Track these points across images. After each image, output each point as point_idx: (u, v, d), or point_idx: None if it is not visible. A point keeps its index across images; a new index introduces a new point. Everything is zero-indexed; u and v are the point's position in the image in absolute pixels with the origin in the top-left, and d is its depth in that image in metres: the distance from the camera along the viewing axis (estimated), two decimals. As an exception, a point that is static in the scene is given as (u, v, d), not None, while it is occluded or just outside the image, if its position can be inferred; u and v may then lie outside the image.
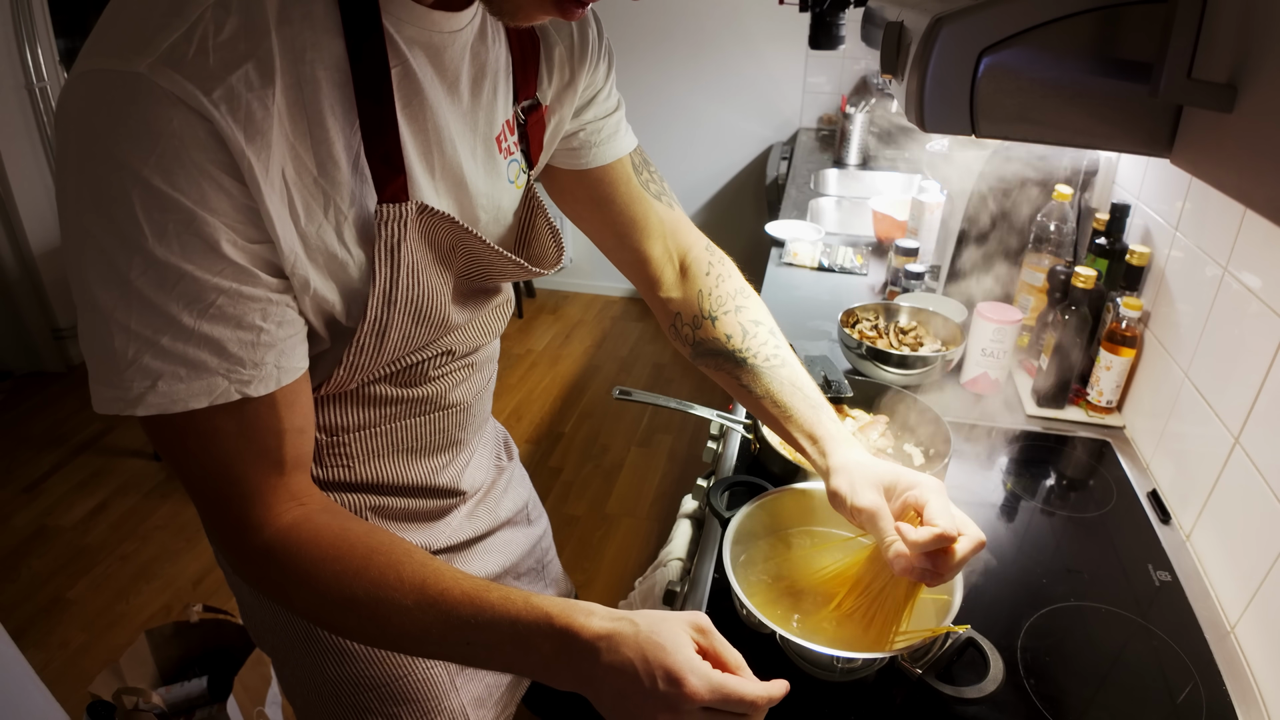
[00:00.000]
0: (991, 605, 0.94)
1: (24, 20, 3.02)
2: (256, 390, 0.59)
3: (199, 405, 0.57)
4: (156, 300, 0.54)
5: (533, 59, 0.76)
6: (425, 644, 0.64)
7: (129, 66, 0.50)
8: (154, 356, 0.55)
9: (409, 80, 0.63)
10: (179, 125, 0.51)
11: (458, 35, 0.65)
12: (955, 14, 0.57)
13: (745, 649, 0.87)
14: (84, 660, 2.05)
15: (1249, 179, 0.45)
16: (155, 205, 0.52)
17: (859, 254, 2.01)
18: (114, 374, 0.56)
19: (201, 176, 0.52)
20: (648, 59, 3.60)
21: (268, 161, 0.55)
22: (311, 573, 0.63)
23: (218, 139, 0.52)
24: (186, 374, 0.56)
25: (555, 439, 3.00)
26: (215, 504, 0.63)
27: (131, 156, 0.50)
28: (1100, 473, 1.20)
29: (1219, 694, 0.84)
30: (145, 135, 0.50)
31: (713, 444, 1.25)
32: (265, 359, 0.59)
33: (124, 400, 0.56)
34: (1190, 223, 1.16)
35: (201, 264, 0.54)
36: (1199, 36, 0.48)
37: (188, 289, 0.54)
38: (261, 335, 0.58)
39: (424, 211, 0.65)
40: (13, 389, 3.28)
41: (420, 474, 0.86)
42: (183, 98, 0.50)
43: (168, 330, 0.55)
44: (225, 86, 0.52)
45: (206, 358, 0.56)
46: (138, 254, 0.52)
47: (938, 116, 0.61)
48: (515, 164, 0.77)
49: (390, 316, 0.68)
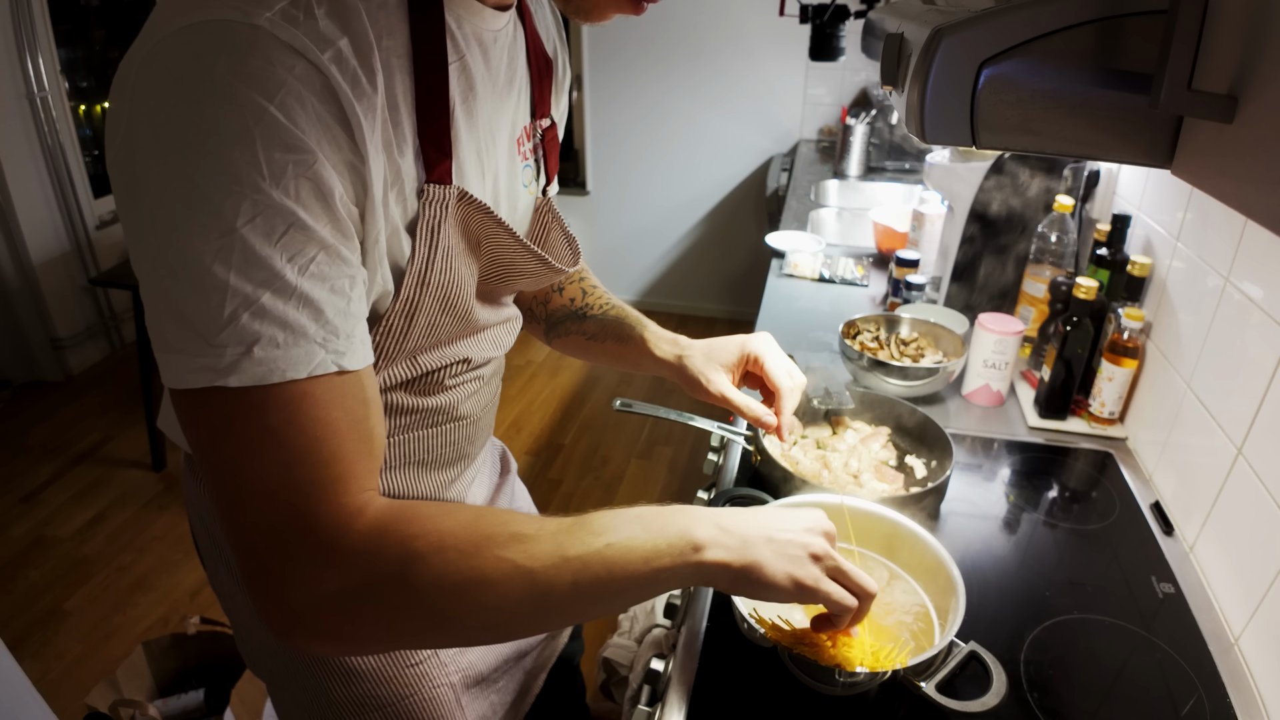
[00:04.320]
0: (994, 618, 0.93)
1: (25, 30, 3.03)
2: (350, 363, 0.56)
3: (298, 376, 0.53)
4: (261, 250, 0.51)
5: (548, 77, 0.81)
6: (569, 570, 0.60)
7: (248, 19, 0.50)
8: (253, 316, 0.51)
9: (465, 74, 0.66)
10: (302, 71, 0.52)
11: (500, 34, 0.69)
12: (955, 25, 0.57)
13: (746, 662, 0.86)
14: (80, 672, 2.04)
15: (1250, 189, 0.45)
16: (278, 143, 0.51)
17: (860, 265, 2.02)
18: (203, 339, 0.52)
19: (320, 124, 0.53)
20: (649, 71, 3.61)
21: (373, 126, 0.56)
22: (438, 526, 0.57)
23: (333, 93, 0.53)
24: (284, 339, 0.52)
25: (555, 451, 2.99)
26: (302, 496, 0.55)
27: (256, 93, 0.50)
28: (1103, 484, 1.19)
29: (1223, 706, 0.83)
30: (269, 78, 0.50)
31: (713, 456, 1.25)
32: (355, 330, 0.57)
33: (214, 369, 0.51)
34: (1191, 233, 1.16)
35: (313, 211, 0.53)
36: (1199, 47, 0.48)
37: (294, 239, 0.52)
38: (350, 304, 0.57)
39: (463, 198, 0.67)
40: (11, 399, 3.28)
41: (431, 487, 0.86)
42: (302, 50, 0.51)
43: (270, 285, 0.52)
44: (335, 49, 0.53)
45: (306, 322, 0.53)
46: (249, 197, 0.50)
47: (938, 127, 0.61)
48: (529, 169, 0.80)
49: (422, 298, 0.68)
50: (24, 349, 3.32)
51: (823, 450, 1.15)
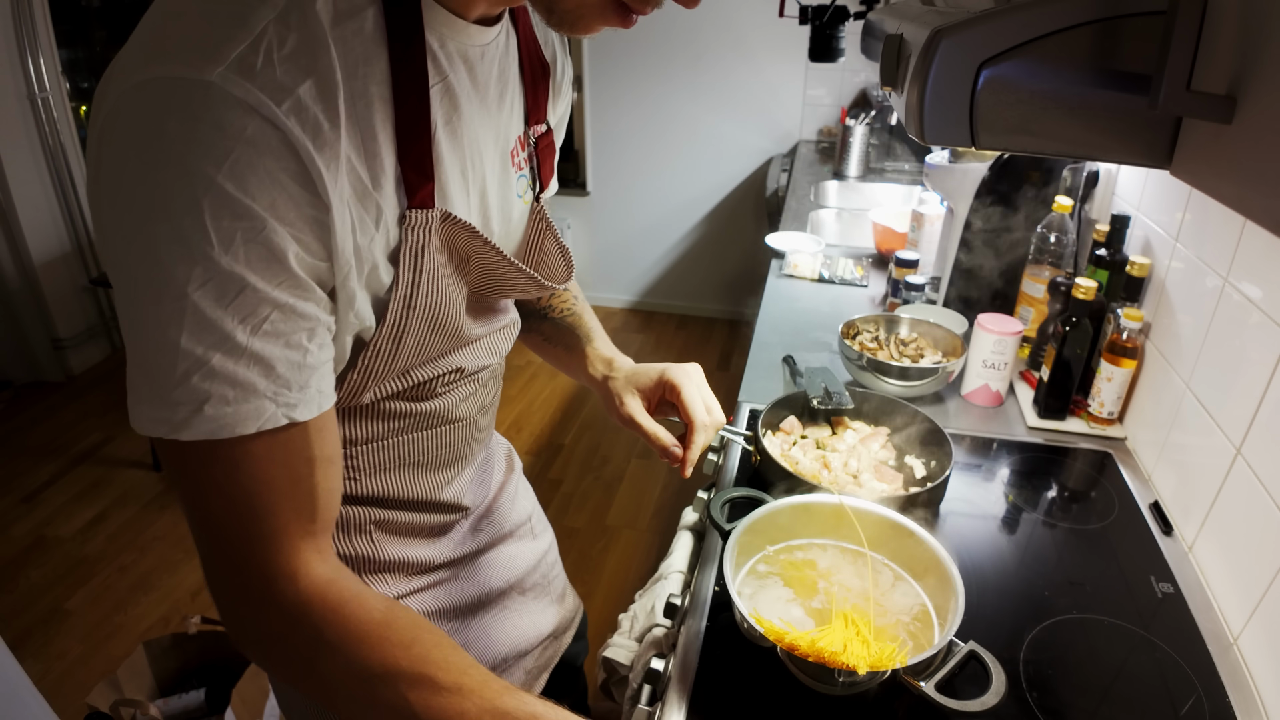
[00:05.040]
0: (993, 618, 0.93)
1: (26, 30, 3.04)
2: (301, 415, 0.58)
3: (247, 431, 0.55)
4: (212, 315, 0.52)
5: (543, 83, 0.79)
6: None
7: (199, 75, 0.49)
8: (203, 377, 0.53)
9: (449, 95, 0.64)
10: (253, 132, 0.50)
11: (489, 48, 0.67)
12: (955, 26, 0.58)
13: (746, 662, 0.86)
14: (81, 671, 2.04)
15: (1249, 190, 0.45)
16: (226, 212, 0.51)
17: (859, 266, 2.02)
18: (159, 394, 0.54)
19: (273, 184, 0.52)
20: (648, 72, 3.62)
21: (336, 174, 0.55)
22: (356, 635, 0.60)
23: (290, 148, 0.52)
24: (234, 396, 0.54)
25: (555, 451, 3.00)
26: (238, 545, 0.59)
27: (204, 163, 0.50)
28: (1102, 484, 1.19)
29: (1222, 706, 0.83)
30: (218, 141, 0.50)
31: (713, 456, 1.25)
32: (310, 382, 0.58)
33: (169, 423, 0.54)
34: (1190, 234, 1.16)
35: (264, 274, 0.53)
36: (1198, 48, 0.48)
37: (245, 301, 0.53)
38: (307, 356, 0.58)
39: (447, 219, 0.66)
40: (12, 399, 3.28)
41: (425, 489, 0.86)
42: (255, 106, 0.50)
43: (220, 347, 0.53)
44: (294, 98, 0.52)
45: (255, 379, 0.55)
46: (199, 264, 0.51)
47: (937, 128, 0.61)
48: (524, 179, 0.79)
49: (408, 321, 0.68)
50: (25, 349, 3.32)
51: (822, 450, 1.15)
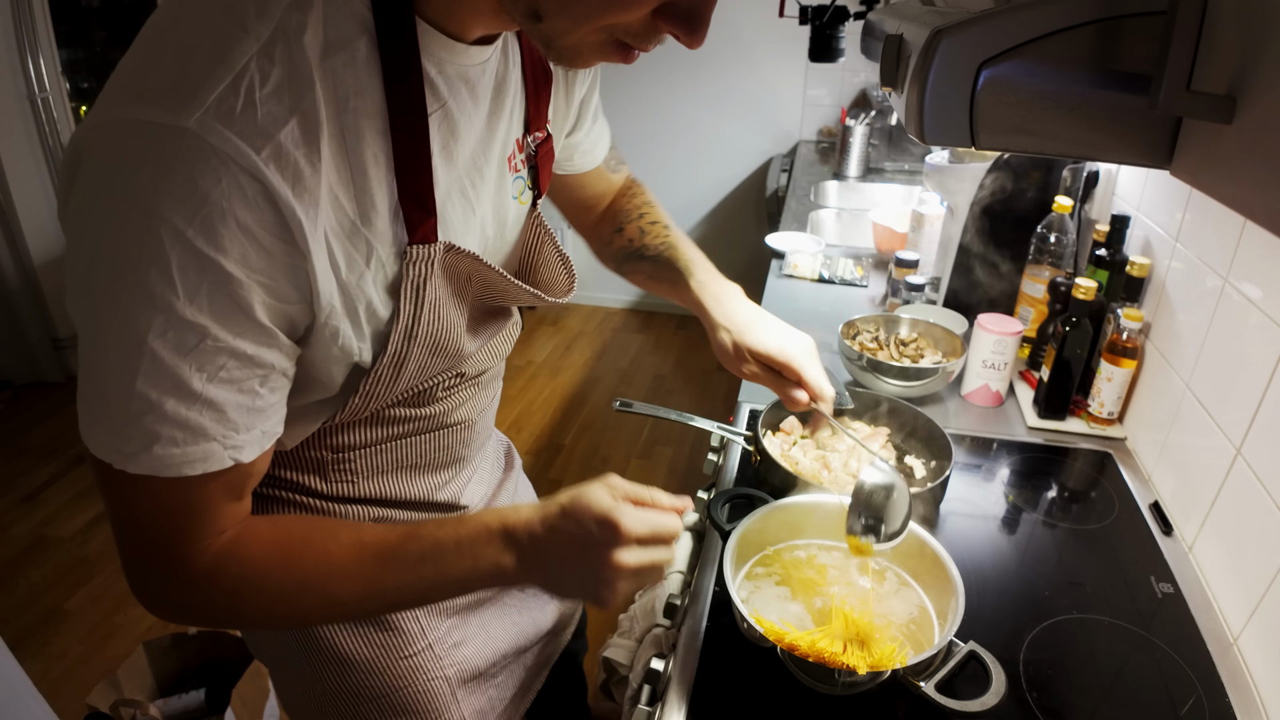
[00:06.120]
0: (993, 618, 0.93)
1: (26, 31, 3.03)
2: (247, 456, 0.59)
3: (193, 473, 0.56)
4: (170, 363, 0.52)
5: (545, 90, 0.78)
6: (384, 597, 0.66)
7: (176, 121, 0.48)
8: (155, 420, 0.54)
9: (448, 121, 0.63)
10: (228, 185, 0.49)
11: (487, 64, 0.66)
12: (954, 27, 0.58)
13: (746, 662, 0.86)
14: (81, 671, 2.04)
15: (1249, 190, 0.45)
16: (193, 265, 0.50)
17: (859, 266, 2.02)
18: (110, 424, 0.55)
19: (245, 237, 0.51)
20: (648, 71, 3.61)
21: (315, 218, 0.54)
22: (262, 568, 0.64)
23: (267, 198, 0.51)
24: (183, 438, 0.55)
25: (555, 451, 3.00)
26: (159, 543, 0.61)
27: (175, 215, 0.49)
28: (1102, 484, 1.19)
29: (1222, 706, 0.83)
30: (192, 195, 0.49)
31: (713, 456, 1.25)
32: (256, 424, 0.59)
33: (120, 453, 0.55)
34: (1190, 234, 1.16)
35: (227, 325, 0.53)
36: (1198, 48, 0.48)
37: (204, 351, 0.53)
38: (257, 400, 0.58)
39: (450, 250, 0.66)
40: (12, 399, 3.28)
41: (421, 490, 0.87)
42: (233, 156, 0.49)
43: (174, 393, 0.53)
44: (274, 144, 0.50)
45: (206, 423, 0.55)
46: (161, 314, 0.51)
47: (937, 128, 0.61)
48: (520, 180, 0.78)
49: (409, 350, 0.68)
50: (25, 349, 3.32)
51: (823, 450, 1.15)
